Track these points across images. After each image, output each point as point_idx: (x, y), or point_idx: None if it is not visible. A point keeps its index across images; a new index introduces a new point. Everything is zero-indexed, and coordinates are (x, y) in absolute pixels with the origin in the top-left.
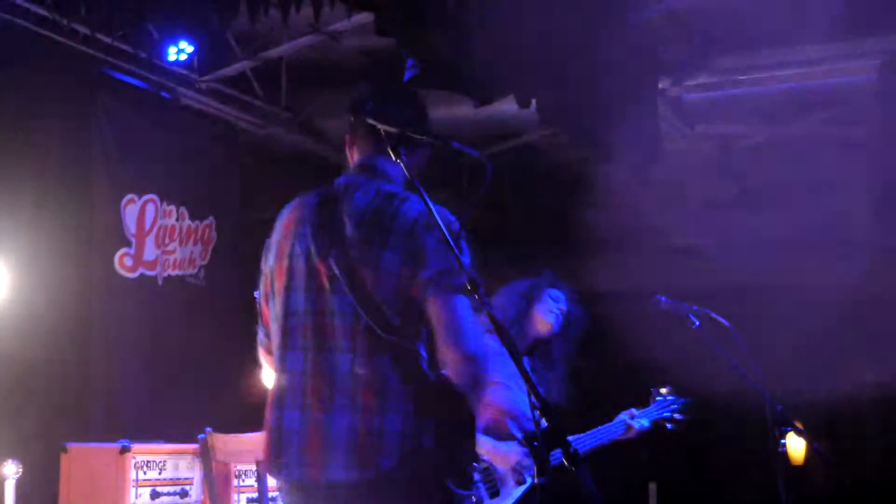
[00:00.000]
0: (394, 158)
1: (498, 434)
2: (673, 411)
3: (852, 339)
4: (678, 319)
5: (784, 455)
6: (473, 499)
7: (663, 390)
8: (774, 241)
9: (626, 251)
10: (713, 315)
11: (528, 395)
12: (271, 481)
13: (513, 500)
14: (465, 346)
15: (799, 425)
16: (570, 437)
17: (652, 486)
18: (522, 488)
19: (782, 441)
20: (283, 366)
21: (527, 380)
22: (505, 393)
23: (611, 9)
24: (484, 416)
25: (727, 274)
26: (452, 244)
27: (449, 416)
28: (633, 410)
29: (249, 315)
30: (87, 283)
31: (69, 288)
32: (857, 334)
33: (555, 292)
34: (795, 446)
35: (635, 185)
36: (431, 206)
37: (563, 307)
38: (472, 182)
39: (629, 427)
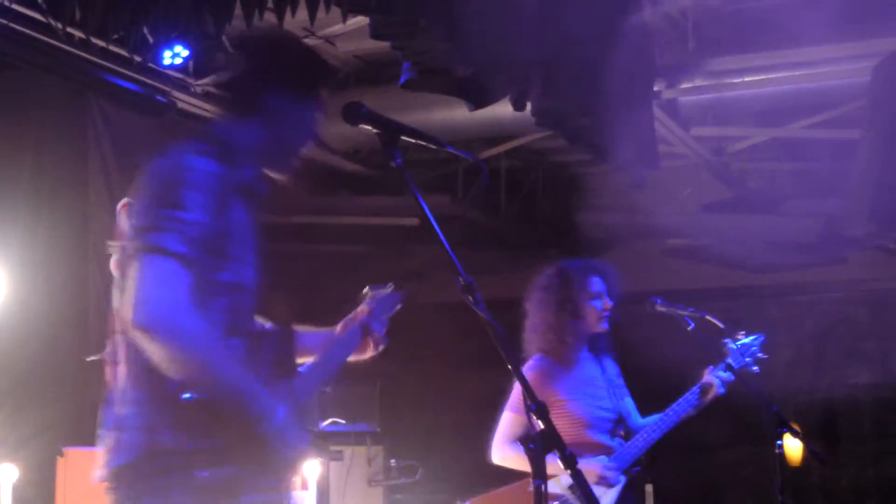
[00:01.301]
0: (388, 162)
1: (579, 446)
2: (754, 354)
3: (848, 340)
4: (674, 321)
5: (780, 456)
6: None
7: (739, 335)
8: (770, 242)
9: (621, 253)
10: (709, 317)
11: (525, 398)
12: None
13: (612, 501)
14: (136, 316)
15: (795, 426)
16: (650, 419)
17: (648, 488)
18: (616, 490)
19: (779, 442)
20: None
21: (519, 381)
22: (567, 408)
23: (606, 11)
24: (563, 435)
25: (723, 276)
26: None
27: (206, 426)
28: (710, 368)
29: None
30: (83, 286)
31: (65, 291)
32: (853, 335)
33: (598, 281)
34: (792, 447)
35: (631, 188)
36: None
37: (609, 302)
38: (468, 185)
39: (707, 389)
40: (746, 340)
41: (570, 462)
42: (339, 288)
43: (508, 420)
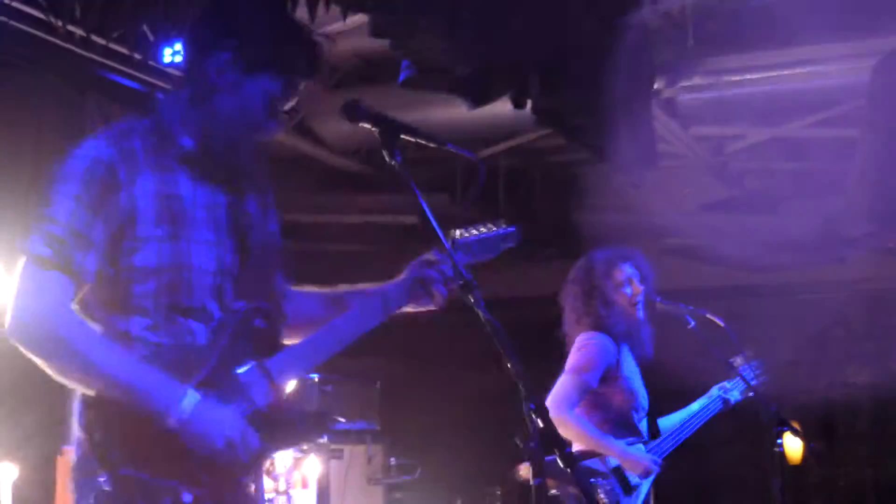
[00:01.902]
0: (388, 160)
1: (621, 425)
2: (757, 376)
3: (847, 340)
4: (674, 320)
5: (780, 455)
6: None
7: (741, 358)
8: (769, 242)
9: None
10: (709, 315)
11: (525, 399)
12: (268, 483)
13: (646, 492)
14: (8, 329)
15: (795, 425)
16: (678, 416)
17: None
18: (650, 479)
19: (779, 441)
20: None
21: (520, 380)
22: (624, 384)
23: (605, 10)
24: (614, 410)
25: (722, 275)
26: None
27: (109, 427)
28: (726, 384)
29: None
30: None
31: None
32: (852, 334)
33: (627, 267)
34: (792, 446)
35: (631, 187)
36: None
37: (640, 287)
38: (467, 184)
39: (727, 402)
40: (753, 362)
41: (569, 461)
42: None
43: (572, 383)
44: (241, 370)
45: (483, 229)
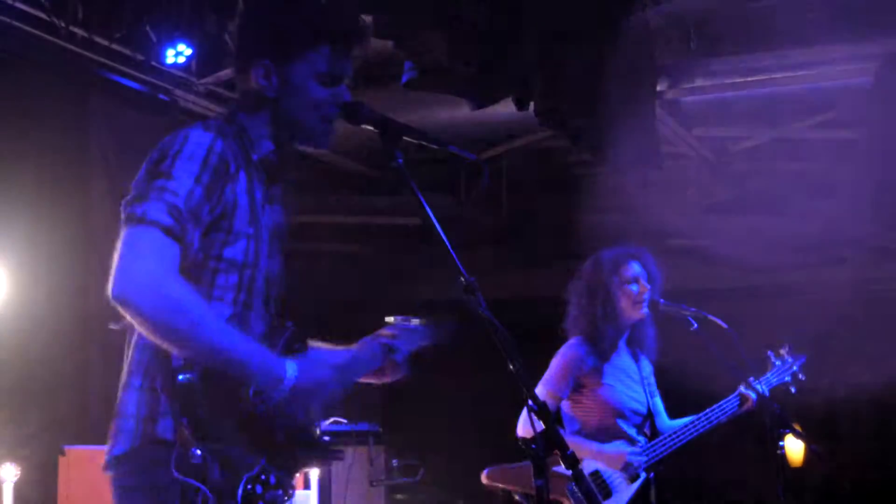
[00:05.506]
0: (390, 162)
1: (606, 433)
2: (794, 374)
3: (848, 341)
4: (677, 322)
5: (782, 456)
6: None
7: (781, 351)
8: (772, 243)
9: None
10: (711, 317)
11: (526, 398)
12: None
13: (629, 497)
14: (115, 287)
15: (797, 427)
16: (684, 420)
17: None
18: (636, 484)
19: (781, 443)
20: None
21: (522, 381)
22: (609, 392)
23: (609, 11)
24: (592, 419)
25: (723, 276)
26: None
27: (202, 405)
28: (751, 380)
29: None
30: (85, 285)
31: (68, 290)
32: (854, 335)
33: (635, 265)
34: (794, 448)
35: (634, 188)
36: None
37: (646, 286)
38: (470, 185)
39: (745, 398)
40: (789, 358)
41: (571, 462)
42: (340, 287)
43: (541, 395)
44: None
45: (411, 321)
